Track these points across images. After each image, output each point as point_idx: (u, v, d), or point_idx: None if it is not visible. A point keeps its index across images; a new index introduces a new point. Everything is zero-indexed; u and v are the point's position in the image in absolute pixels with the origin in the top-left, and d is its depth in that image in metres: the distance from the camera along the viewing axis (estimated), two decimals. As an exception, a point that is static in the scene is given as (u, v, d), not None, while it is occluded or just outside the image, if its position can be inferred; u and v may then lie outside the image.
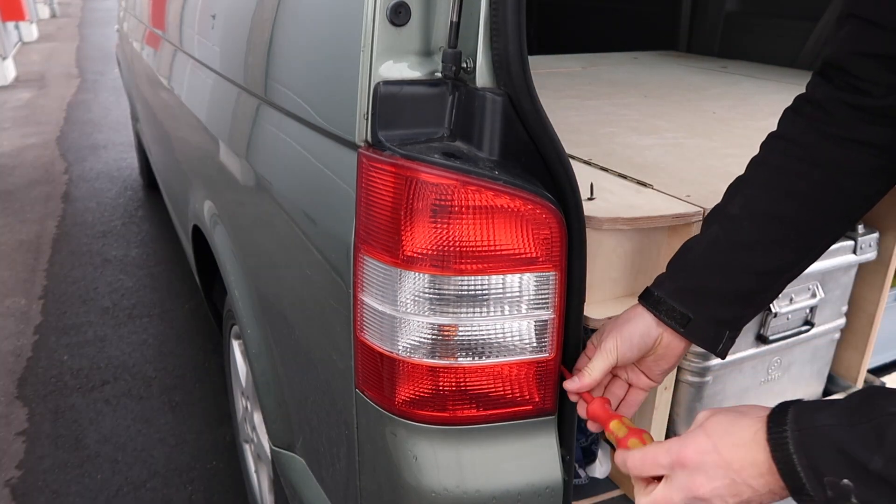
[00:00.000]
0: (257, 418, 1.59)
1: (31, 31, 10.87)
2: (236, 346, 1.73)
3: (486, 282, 0.83)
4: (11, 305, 3.03)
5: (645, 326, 0.86)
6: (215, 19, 1.55)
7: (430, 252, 0.82)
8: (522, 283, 0.85)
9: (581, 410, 0.89)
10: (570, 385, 0.88)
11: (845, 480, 0.57)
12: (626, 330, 0.86)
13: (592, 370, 0.87)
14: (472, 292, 0.84)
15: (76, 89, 7.46)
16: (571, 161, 0.88)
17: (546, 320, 0.88)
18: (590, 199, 1.03)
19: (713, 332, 0.85)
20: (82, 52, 9.92)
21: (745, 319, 0.88)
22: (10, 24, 9.15)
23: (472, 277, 0.83)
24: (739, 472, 0.64)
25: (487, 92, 0.83)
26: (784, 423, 0.62)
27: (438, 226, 0.81)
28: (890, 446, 0.55)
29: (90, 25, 12.99)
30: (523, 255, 0.84)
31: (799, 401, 0.65)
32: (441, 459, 0.89)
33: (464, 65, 0.85)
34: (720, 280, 0.83)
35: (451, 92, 0.86)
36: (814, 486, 0.59)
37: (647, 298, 0.87)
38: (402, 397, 0.89)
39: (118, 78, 7.49)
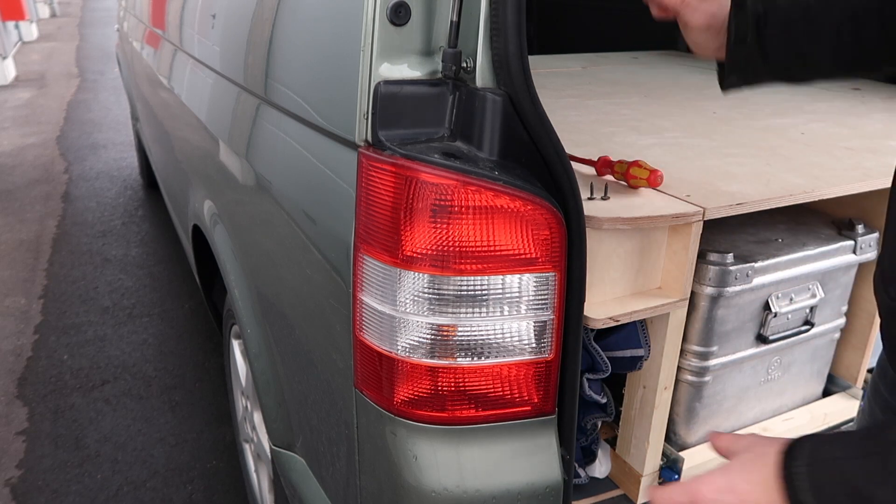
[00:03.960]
0: (257, 418, 1.59)
1: (31, 31, 10.85)
2: (236, 346, 1.73)
3: (485, 282, 0.83)
4: (11, 305, 3.03)
5: (723, 15, 0.93)
6: (215, 19, 1.54)
7: (429, 252, 0.82)
8: (522, 284, 0.85)
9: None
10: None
11: None
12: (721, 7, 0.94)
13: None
14: (472, 292, 0.84)
15: (76, 89, 7.45)
16: (571, 161, 0.88)
17: (545, 321, 0.88)
18: (590, 198, 1.03)
19: (742, 63, 0.93)
20: (82, 52, 9.91)
21: (755, 78, 0.94)
22: (10, 24, 9.15)
23: (472, 278, 0.83)
24: None
25: (487, 92, 0.83)
26: (797, 457, 0.63)
27: (438, 226, 0.81)
28: (892, 476, 0.56)
29: (90, 25, 12.98)
30: (523, 256, 0.83)
31: (814, 435, 0.65)
32: (441, 459, 0.89)
33: (464, 64, 0.85)
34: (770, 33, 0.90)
35: (451, 92, 0.86)
36: None
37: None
38: (401, 397, 0.89)
39: (118, 77, 7.50)
